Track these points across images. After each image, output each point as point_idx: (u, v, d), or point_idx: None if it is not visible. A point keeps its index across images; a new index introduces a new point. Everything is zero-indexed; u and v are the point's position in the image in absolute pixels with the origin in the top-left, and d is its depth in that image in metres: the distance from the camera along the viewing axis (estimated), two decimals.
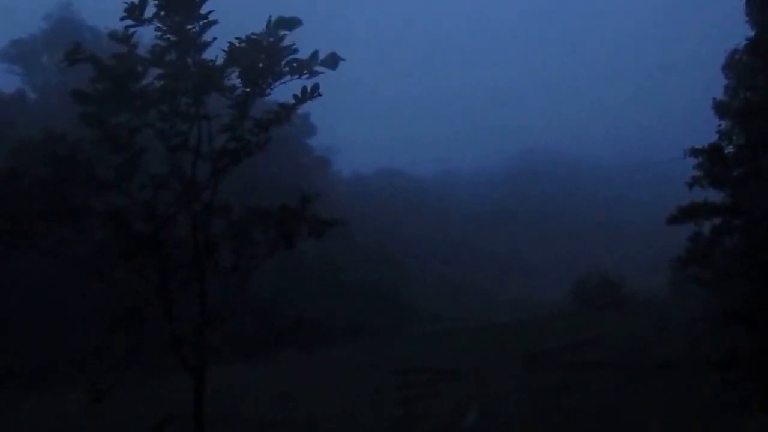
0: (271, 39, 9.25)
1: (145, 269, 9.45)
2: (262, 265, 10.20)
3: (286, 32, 9.34)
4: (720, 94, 25.18)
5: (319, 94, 9.58)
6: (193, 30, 9.09)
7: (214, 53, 9.34)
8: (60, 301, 31.21)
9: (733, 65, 24.94)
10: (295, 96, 9.64)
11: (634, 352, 22.98)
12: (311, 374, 25.30)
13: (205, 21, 9.15)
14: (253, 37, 9.18)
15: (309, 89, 9.52)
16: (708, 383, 16.04)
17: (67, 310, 30.53)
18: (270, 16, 9.24)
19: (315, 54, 9.43)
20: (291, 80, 9.50)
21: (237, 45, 9.12)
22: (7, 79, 62.87)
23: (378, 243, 73.24)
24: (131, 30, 8.98)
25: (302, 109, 10.27)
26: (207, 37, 9.29)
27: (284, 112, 9.80)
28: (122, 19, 8.91)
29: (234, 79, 9.54)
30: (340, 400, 19.18)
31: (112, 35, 9.06)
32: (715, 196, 22.92)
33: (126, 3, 8.82)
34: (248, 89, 9.46)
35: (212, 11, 9.15)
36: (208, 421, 9.94)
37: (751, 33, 22.31)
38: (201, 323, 9.56)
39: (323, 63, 9.41)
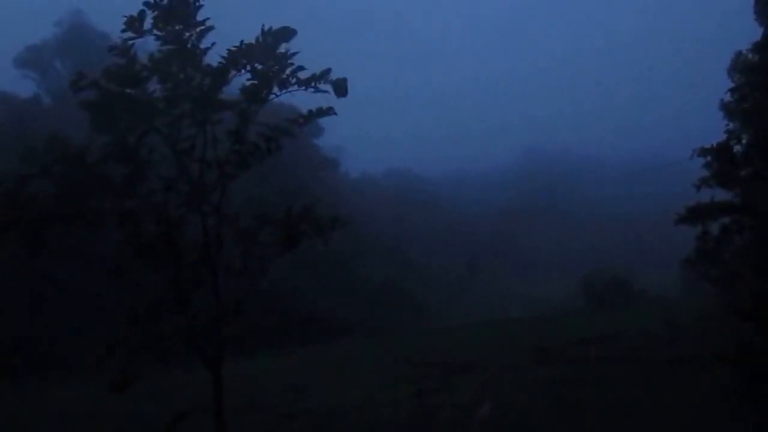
0: (268, 46, 9.39)
1: (159, 267, 9.74)
2: (274, 264, 10.46)
3: (284, 43, 9.47)
4: (727, 93, 25.29)
5: (335, 113, 9.70)
6: (191, 37, 9.33)
7: (215, 60, 9.51)
8: (82, 297, 31.96)
9: (740, 66, 25.04)
10: (309, 111, 9.81)
11: (645, 347, 23.18)
12: (326, 367, 25.70)
13: (202, 27, 9.37)
14: (251, 43, 9.37)
15: (324, 108, 9.65)
16: (719, 379, 16.24)
17: (89, 305, 31.23)
18: (263, 25, 9.41)
19: (327, 71, 9.54)
20: (296, 90, 9.68)
21: (236, 50, 9.34)
22: (23, 85, 63.90)
23: (388, 242, 73.53)
24: (131, 42, 9.21)
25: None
26: (206, 43, 9.51)
27: (292, 126, 10.00)
28: (123, 31, 9.17)
29: (236, 87, 9.75)
30: (355, 392, 19.54)
31: (112, 49, 9.31)
32: (721, 195, 23.02)
33: (125, 17, 9.08)
34: (251, 100, 9.63)
35: (209, 18, 9.39)
36: (227, 412, 10.23)
37: (759, 31, 22.47)
38: (216, 318, 9.82)
39: (332, 85, 9.52)
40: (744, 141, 22.54)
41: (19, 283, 31.72)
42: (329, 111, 9.67)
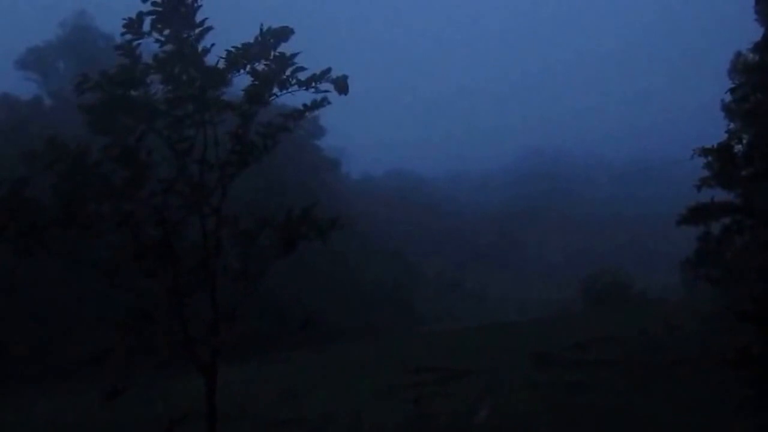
0: (267, 46, 9.34)
1: (156, 271, 9.64)
2: (271, 268, 10.36)
3: (282, 42, 9.43)
4: (727, 93, 25.22)
5: (329, 102, 9.68)
6: (191, 38, 9.28)
7: (214, 61, 9.47)
8: (75, 302, 31.71)
9: (740, 66, 25.00)
10: (304, 105, 9.76)
11: (645, 350, 23.06)
12: (322, 373, 25.56)
13: (201, 28, 9.33)
14: (250, 43, 9.32)
15: (319, 99, 9.62)
16: (720, 381, 16.13)
17: (82, 311, 30.99)
18: (261, 25, 9.37)
19: (327, 71, 9.50)
20: (297, 91, 9.63)
21: (235, 50, 9.29)
22: (24, 87, 63.85)
23: (388, 243, 73.51)
24: (135, 42, 9.15)
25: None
26: (206, 44, 9.45)
27: (287, 121, 9.93)
28: (122, 34, 9.12)
29: (238, 88, 9.69)
30: (351, 398, 19.37)
31: (118, 48, 9.26)
32: (721, 195, 22.97)
33: (124, 19, 9.03)
34: (252, 103, 9.58)
35: (207, 18, 9.32)
36: (221, 419, 10.11)
37: (759, 31, 22.43)
38: (213, 323, 9.71)
39: (333, 83, 9.48)
40: (745, 141, 22.48)
41: (8, 288, 31.45)
42: (323, 102, 9.62)
